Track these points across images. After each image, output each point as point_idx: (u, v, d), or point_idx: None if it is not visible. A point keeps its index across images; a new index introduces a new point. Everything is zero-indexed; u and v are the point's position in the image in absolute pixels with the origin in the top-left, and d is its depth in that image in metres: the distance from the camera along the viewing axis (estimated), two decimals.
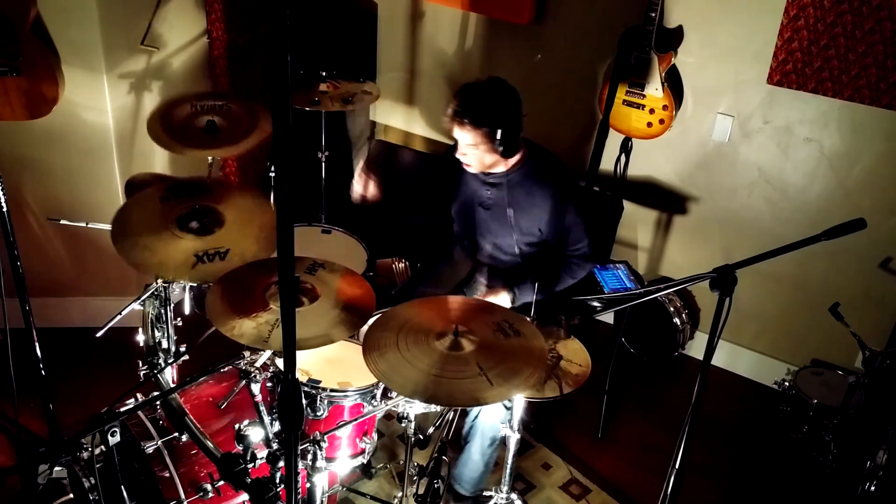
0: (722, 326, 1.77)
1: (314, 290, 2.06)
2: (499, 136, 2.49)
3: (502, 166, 2.63)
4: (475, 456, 2.76)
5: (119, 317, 2.44)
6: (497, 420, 2.57)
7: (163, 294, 2.51)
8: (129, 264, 2.16)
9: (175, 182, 2.44)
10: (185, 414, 2.26)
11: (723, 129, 3.41)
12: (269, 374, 2.15)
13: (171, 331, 2.57)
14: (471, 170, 2.67)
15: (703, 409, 1.92)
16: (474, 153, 2.58)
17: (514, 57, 3.79)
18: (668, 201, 3.68)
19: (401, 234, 3.26)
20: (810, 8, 3.02)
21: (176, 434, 2.27)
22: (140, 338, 2.62)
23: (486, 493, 2.73)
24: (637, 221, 3.79)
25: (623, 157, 3.57)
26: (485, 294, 2.73)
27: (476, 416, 2.72)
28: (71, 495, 2.45)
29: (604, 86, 3.43)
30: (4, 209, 2.03)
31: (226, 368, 2.18)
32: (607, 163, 3.55)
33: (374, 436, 2.41)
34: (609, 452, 3.29)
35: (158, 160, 3.52)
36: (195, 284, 2.61)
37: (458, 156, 2.63)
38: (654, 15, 3.12)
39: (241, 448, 2.03)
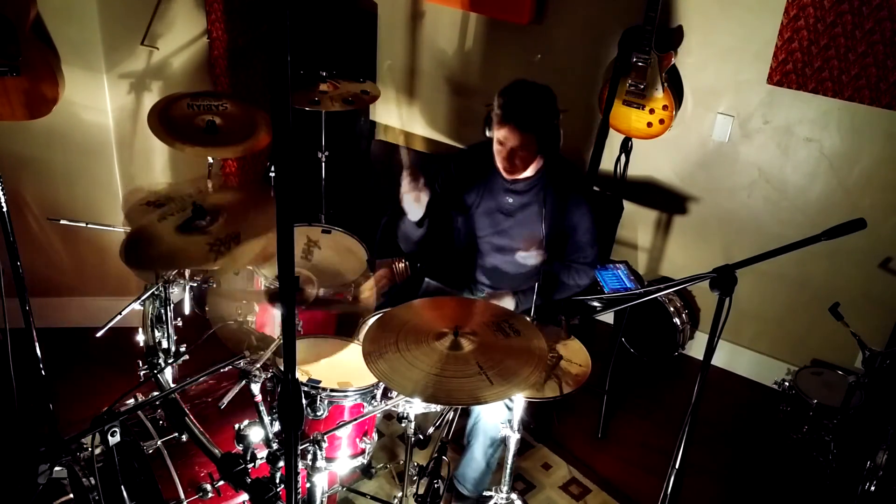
0: (722, 326, 1.77)
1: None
2: (547, 139, 2.50)
3: (529, 171, 2.64)
4: (478, 456, 2.76)
5: (119, 317, 2.44)
6: (498, 420, 2.58)
7: (163, 294, 2.52)
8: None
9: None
10: (185, 414, 2.26)
11: (723, 129, 3.41)
12: (269, 374, 2.15)
13: (171, 331, 2.58)
14: (510, 175, 2.65)
15: (703, 409, 1.92)
16: (521, 156, 2.56)
17: (514, 57, 3.79)
18: (668, 201, 3.68)
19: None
20: (810, 8, 3.02)
21: (176, 434, 2.27)
22: (140, 338, 2.62)
23: (486, 494, 2.73)
24: (637, 221, 3.79)
25: (623, 157, 3.57)
26: (489, 297, 2.73)
27: (477, 417, 2.72)
28: (71, 495, 2.45)
29: (604, 86, 3.43)
30: (4, 209, 2.03)
31: (226, 368, 2.18)
32: (607, 163, 3.55)
33: (374, 436, 2.41)
34: (609, 452, 3.30)
35: (158, 160, 3.53)
36: (195, 284, 2.62)
37: (499, 161, 2.60)
38: (654, 15, 3.12)
39: (241, 448, 2.03)
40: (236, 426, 2.04)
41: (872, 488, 2.66)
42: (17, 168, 3.25)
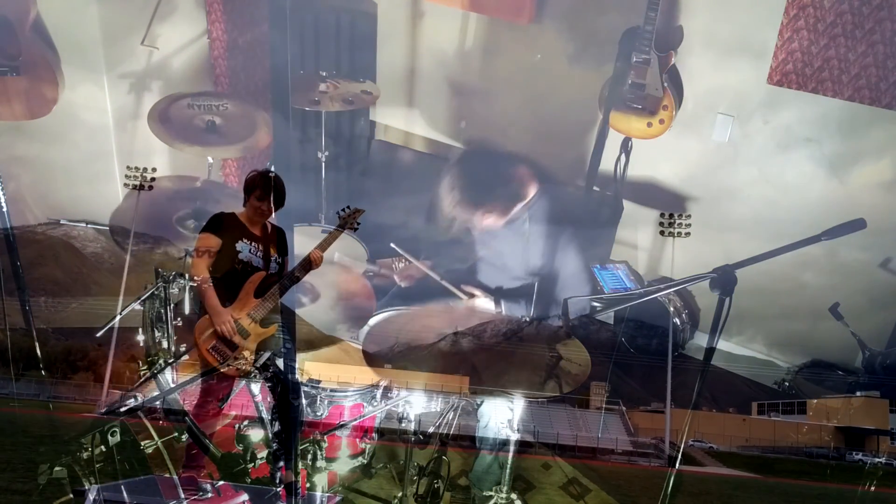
0: (722, 326, 1.77)
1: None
2: None
3: None
4: (489, 459, 2.78)
5: (119, 317, 2.44)
6: (503, 423, 2.59)
7: (163, 294, 2.52)
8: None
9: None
10: (185, 414, 2.26)
11: (723, 129, 3.41)
12: (268, 374, 2.15)
13: (171, 331, 2.57)
14: None
15: (703, 410, 1.93)
16: None
17: (514, 57, 3.79)
18: (668, 201, 3.68)
19: None
20: (810, 8, 3.02)
21: (176, 434, 2.27)
22: (140, 338, 2.62)
23: (486, 493, 2.73)
24: (637, 221, 3.79)
25: (623, 157, 3.57)
26: None
27: (487, 421, 2.73)
28: (71, 495, 2.45)
29: (604, 86, 3.43)
30: (4, 209, 2.03)
31: (225, 368, 2.18)
32: (607, 163, 3.55)
33: (374, 436, 2.42)
34: (609, 452, 3.30)
35: (158, 161, 3.53)
36: (195, 284, 2.61)
37: None
38: (653, 15, 3.12)
39: (241, 448, 2.03)
40: (236, 426, 2.05)
41: (872, 488, 2.66)
42: (17, 168, 3.25)
